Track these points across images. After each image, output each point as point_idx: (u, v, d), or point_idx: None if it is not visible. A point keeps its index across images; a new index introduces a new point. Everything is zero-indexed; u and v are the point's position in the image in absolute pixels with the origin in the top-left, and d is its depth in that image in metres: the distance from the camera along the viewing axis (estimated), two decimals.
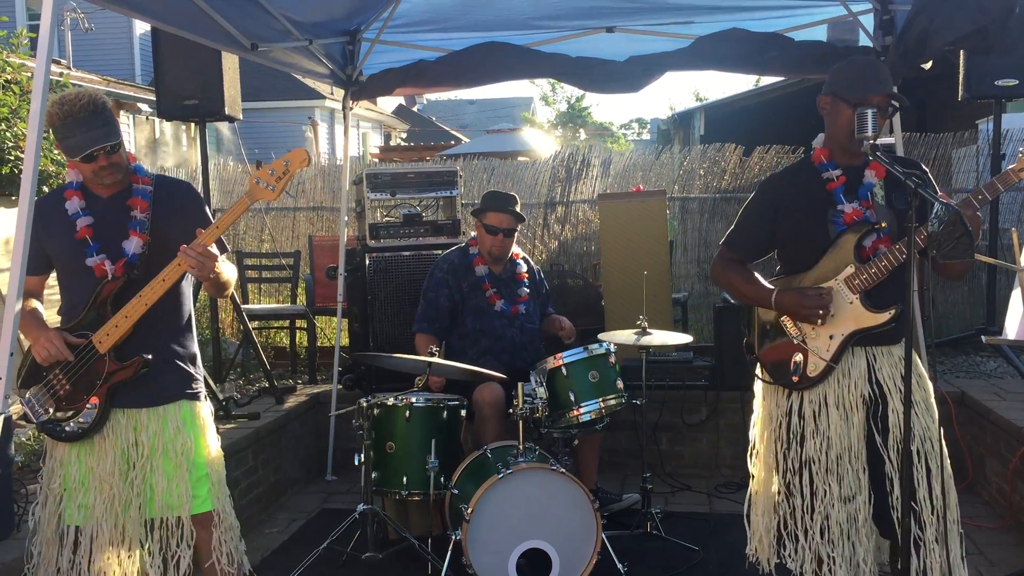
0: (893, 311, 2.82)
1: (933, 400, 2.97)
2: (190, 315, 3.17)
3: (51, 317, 3.09)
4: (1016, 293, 3.30)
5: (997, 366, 6.02)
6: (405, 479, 3.94)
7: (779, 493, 3.05)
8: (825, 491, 2.92)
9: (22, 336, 2.99)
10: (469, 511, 3.57)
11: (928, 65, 4.51)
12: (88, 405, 2.92)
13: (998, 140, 5.76)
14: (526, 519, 3.65)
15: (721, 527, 4.56)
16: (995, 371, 5.92)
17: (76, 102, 2.83)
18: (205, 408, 3.13)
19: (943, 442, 2.90)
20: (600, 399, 4.07)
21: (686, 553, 4.20)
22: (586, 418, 4.07)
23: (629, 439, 5.40)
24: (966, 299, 7.90)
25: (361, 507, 3.96)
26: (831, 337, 2.95)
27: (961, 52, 5.02)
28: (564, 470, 3.72)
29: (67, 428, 2.95)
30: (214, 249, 2.88)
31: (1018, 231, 3.06)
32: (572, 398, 4.04)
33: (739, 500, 4.93)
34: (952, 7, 3.86)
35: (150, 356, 2.92)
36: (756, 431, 3.21)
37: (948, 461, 2.92)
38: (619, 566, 3.80)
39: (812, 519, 2.94)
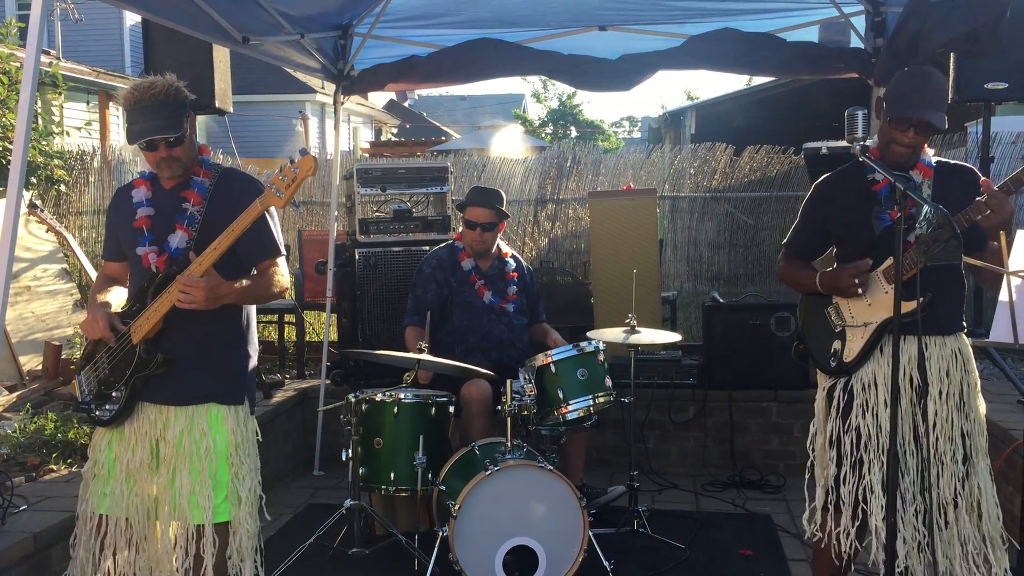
0: (921, 299, 2.87)
1: (974, 392, 3.12)
2: (241, 317, 3.06)
3: None
4: (1003, 295, 3.32)
5: (983, 368, 6.03)
6: (393, 475, 3.94)
7: (825, 462, 3.15)
8: (869, 463, 3.01)
9: (8, 329, 2.99)
10: (456, 507, 3.57)
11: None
12: (115, 393, 2.93)
13: (987, 143, 5.77)
14: (513, 516, 3.65)
15: (707, 525, 4.57)
16: (981, 373, 5.92)
17: (148, 90, 2.83)
18: (241, 415, 3.02)
19: (973, 438, 3.04)
20: (589, 397, 4.07)
21: (672, 551, 4.21)
22: (574, 416, 4.07)
23: (617, 437, 5.41)
24: None
25: (348, 503, 3.96)
26: (866, 325, 3.10)
27: (951, 55, 5.04)
28: (551, 467, 3.72)
29: (96, 412, 2.97)
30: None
31: (1006, 234, 3.07)
32: (560, 396, 4.04)
33: (726, 499, 4.99)
34: (943, 10, 3.87)
35: (171, 356, 2.89)
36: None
37: (981, 459, 3.05)
38: (605, 564, 3.80)
39: (855, 484, 3.02)
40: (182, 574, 2.96)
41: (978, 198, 2.83)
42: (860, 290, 3.06)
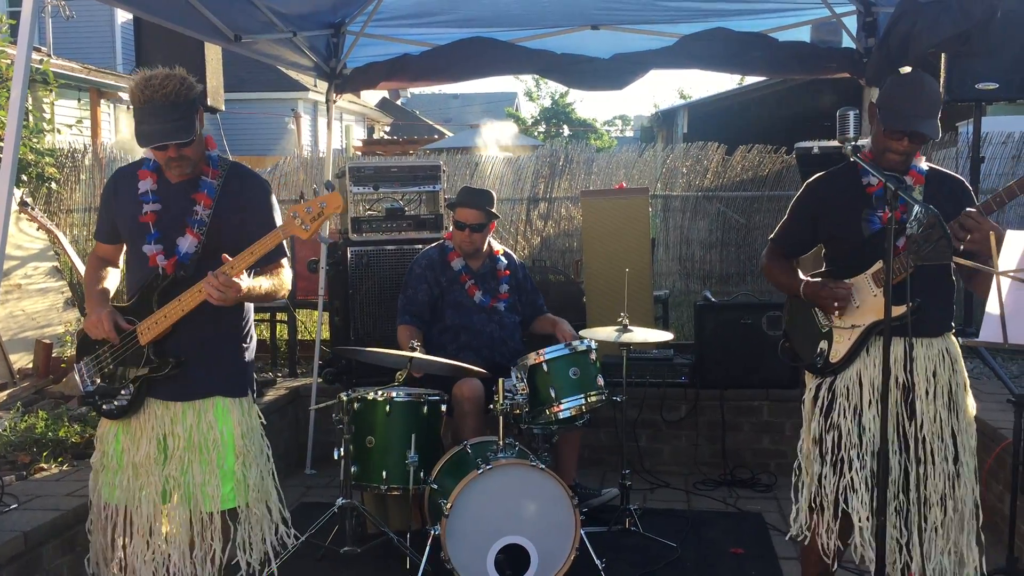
0: (910, 304, 2.89)
1: (963, 392, 3.13)
2: (243, 312, 3.10)
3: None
4: (993, 295, 3.33)
5: (974, 367, 6.06)
6: (385, 473, 3.93)
7: (809, 462, 3.18)
8: (850, 462, 3.03)
9: None
10: (448, 506, 3.57)
11: (909, 68, 4.54)
12: (124, 389, 2.95)
13: (977, 143, 5.79)
14: (505, 515, 3.65)
15: (699, 524, 4.58)
16: (972, 372, 5.94)
17: (160, 89, 2.77)
18: (245, 406, 3.07)
19: (961, 437, 3.06)
20: (581, 396, 4.08)
21: (664, 550, 4.22)
22: (566, 415, 4.07)
23: (609, 436, 5.42)
24: None
25: (340, 501, 3.96)
26: (853, 327, 3.12)
27: (942, 55, 5.06)
28: (544, 466, 3.73)
29: (104, 406, 2.99)
30: (245, 279, 2.85)
31: (995, 234, 3.09)
32: (553, 394, 4.05)
33: (717, 497, 5.00)
34: (935, 11, 3.89)
35: (182, 358, 2.92)
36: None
37: (968, 458, 3.07)
38: (597, 562, 3.81)
39: (836, 483, 3.05)
40: (197, 561, 3.00)
41: (954, 221, 2.86)
42: (837, 313, 3.11)
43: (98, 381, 3.00)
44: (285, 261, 3.06)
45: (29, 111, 9.60)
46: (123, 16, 17.43)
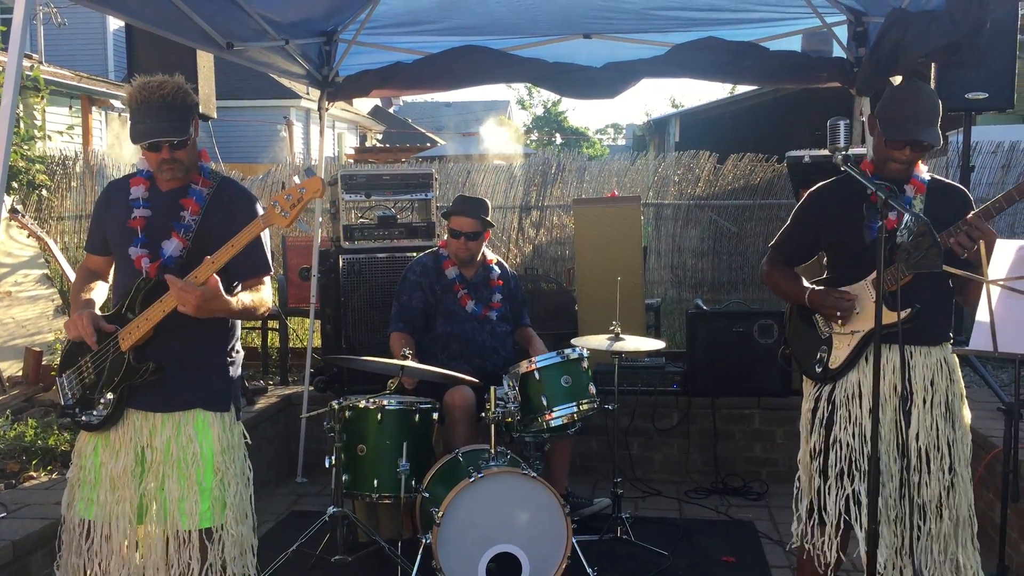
0: (909, 310, 2.92)
1: (960, 402, 3.15)
2: (227, 324, 3.05)
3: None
4: (982, 304, 3.35)
5: (964, 375, 6.08)
6: (376, 482, 3.92)
7: (809, 474, 3.18)
8: (853, 473, 3.04)
9: None
10: (440, 514, 3.57)
11: (899, 79, 4.57)
12: (103, 399, 2.90)
13: (967, 152, 5.82)
14: (497, 523, 3.65)
15: (691, 532, 4.58)
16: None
17: (156, 90, 2.82)
18: (227, 421, 3.02)
19: (957, 447, 3.08)
20: (573, 404, 4.08)
21: (655, 558, 4.22)
22: (558, 423, 4.07)
23: (600, 444, 5.42)
24: None
25: (331, 510, 3.94)
26: (853, 333, 3.13)
27: (932, 65, 5.09)
28: (535, 474, 3.72)
29: (83, 417, 2.94)
30: (251, 294, 2.84)
31: (986, 243, 3.11)
32: (544, 402, 4.05)
33: (709, 506, 5.00)
34: (925, 21, 3.90)
35: (162, 363, 2.88)
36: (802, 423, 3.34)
37: (963, 468, 3.09)
38: (589, 571, 3.81)
39: (839, 496, 3.05)
40: None
41: (963, 226, 2.89)
42: (840, 322, 3.13)
43: (78, 394, 2.95)
44: (267, 279, 3.03)
45: (20, 118, 9.59)
46: (115, 23, 17.42)
